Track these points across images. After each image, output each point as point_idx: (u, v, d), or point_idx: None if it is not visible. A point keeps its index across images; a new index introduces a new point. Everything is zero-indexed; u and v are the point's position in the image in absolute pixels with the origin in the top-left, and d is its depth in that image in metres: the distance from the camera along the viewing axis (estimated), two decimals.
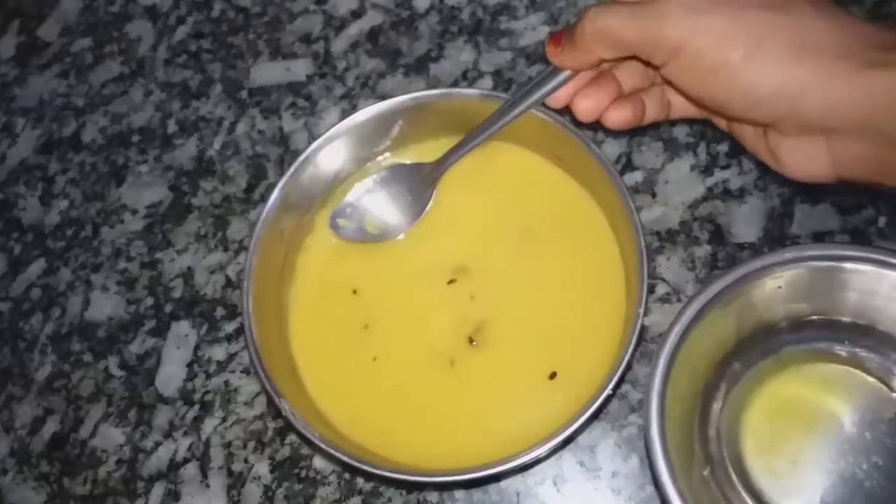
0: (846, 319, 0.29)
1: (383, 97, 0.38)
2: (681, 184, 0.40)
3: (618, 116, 0.31)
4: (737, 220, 0.38)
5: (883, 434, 0.28)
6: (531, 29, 0.45)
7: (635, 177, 0.40)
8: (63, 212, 0.46)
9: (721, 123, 0.32)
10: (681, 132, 0.41)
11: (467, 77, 0.44)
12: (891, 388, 0.29)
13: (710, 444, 0.29)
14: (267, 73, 0.47)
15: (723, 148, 0.40)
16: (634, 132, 0.41)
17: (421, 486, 0.36)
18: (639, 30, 0.27)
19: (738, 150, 0.40)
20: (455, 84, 0.44)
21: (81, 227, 0.45)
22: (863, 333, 0.29)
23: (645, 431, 0.27)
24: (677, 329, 0.28)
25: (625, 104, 0.31)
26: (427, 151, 0.38)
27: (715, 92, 0.26)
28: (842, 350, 0.29)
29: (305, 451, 0.38)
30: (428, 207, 0.37)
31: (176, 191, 0.45)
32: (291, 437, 0.38)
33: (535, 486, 0.36)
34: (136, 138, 0.47)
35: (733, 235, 0.38)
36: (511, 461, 0.31)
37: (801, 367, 0.30)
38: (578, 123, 0.41)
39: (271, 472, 0.38)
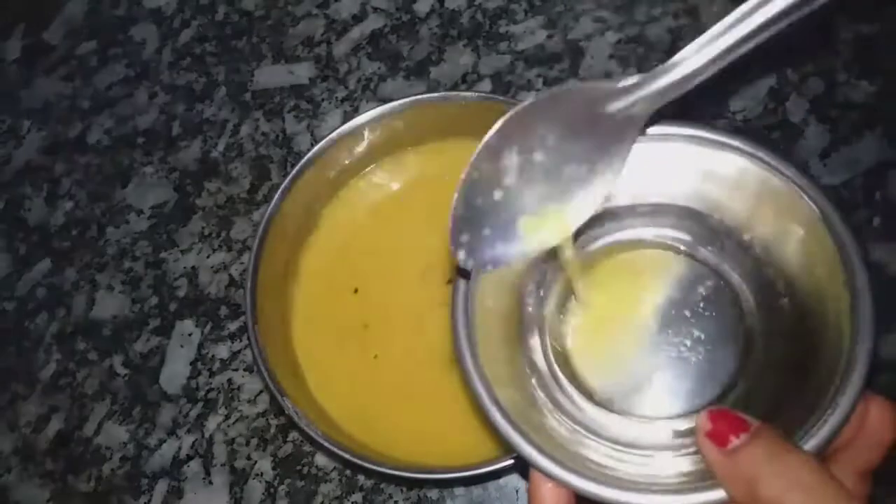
0: (642, 202, 0.28)
1: (384, 100, 0.38)
2: None
3: None
4: None
5: (699, 307, 0.27)
6: (530, 33, 0.45)
7: None
8: (68, 212, 0.46)
9: None
10: None
11: (467, 80, 0.45)
12: (700, 261, 0.28)
13: (534, 353, 0.27)
14: (270, 75, 0.47)
15: None
16: None
17: (421, 484, 0.36)
18: None
19: None
20: (455, 87, 0.44)
21: (87, 227, 0.46)
22: (663, 213, 0.28)
23: (454, 349, 0.24)
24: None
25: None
26: (427, 153, 0.39)
27: None
28: (647, 234, 0.28)
29: (307, 448, 0.38)
30: (620, 169, 0.22)
31: (180, 191, 0.45)
32: (294, 435, 0.38)
33: None
34: (140, 140, 0.47)
35: None
36: (511, 458, 0.31)
37: (611, 258, 0.28)
38: None
39: (274, 469, 0.38)
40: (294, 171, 0.37)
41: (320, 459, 0.38)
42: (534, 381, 0.27)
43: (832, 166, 0.39)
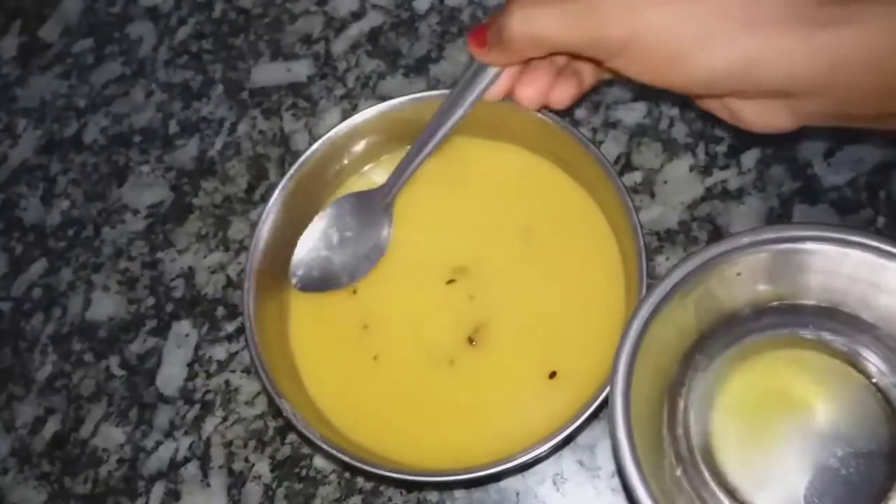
0: (809, 303, 0.28)
1: (384, 98, 0.38)
2: (680, 184, 0.40)
3: (565, 96, 0.31)
4: (735, 221, 0.38)
5: (854, 418, 0.27)
6: None
7: (634, 177, 0.40)
8: (64, 212, 0.46)
9: None
10: (680, 133, 0.41)
11: None
12: (858, 370, 0.27)
13: (679, 443, 0.28)
14: (268, 73, 0.47)
15: (721, 148, 0.40)
16: (634, 133, 0.41)
17: (421, 486, 0.36)
18: (577, 34, 0.26)
19: (736, 150, 0.40)
20: (455, 85, 0.44)
21: (83, 227, 0.45)
22: (827, 316, 0.28)
23: (611, 436, 0.26)
24: (636, 325, 0.27)
25: (567, 80, 0.31)
26: None
27: (669, 80, 0.26)
28: (807, 334, 0.28)
29: (306, 450, 0.38)
30: (391, 234, 0.36)
31: (177, 191, 0.45)
32: (292, 437, 0.38)
33: (535, 486, 0.36)
34: (137, 139, 0.47)
35: None
36: (511, 461, 0.31)
37: (766, 354, 0.28)
38: (576, 123, 0.42)
39: (272, 471, 0.38)
40: (292, 171, 0.36)
41: (319, 462, 0.38)
42: (679, 472, 0.27)
43: (836, 165, 0.39)
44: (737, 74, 0.25)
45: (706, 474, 0.27)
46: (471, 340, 0.35)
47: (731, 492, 0.27)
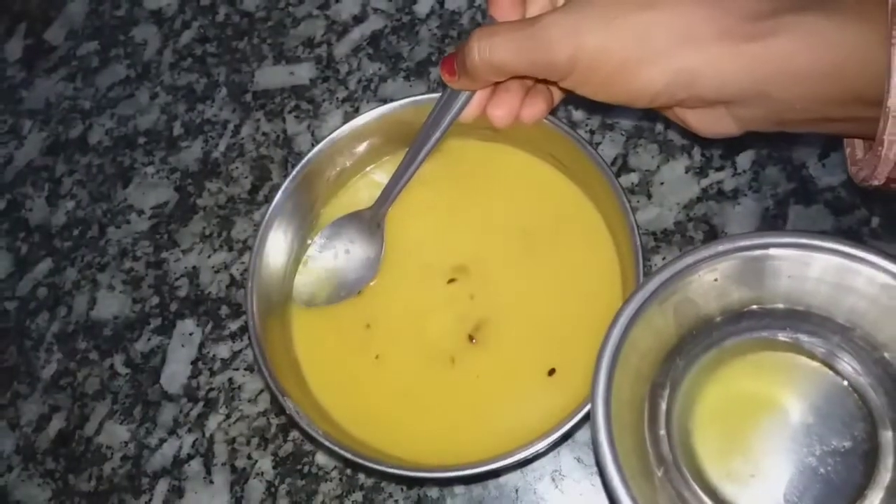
0: (783, 306, 0.29)
1: (385, 100, 0.38)
2: (676, 185, 0.40)
3: (534, 112, 0.33)
4: (731, 221, 0.39)
5: (832, 418, 0.28)
6: None
7: (631, 178, 0.41)
8: (70, 212, 0.46)
9: None
10: (676, 134, 0.41)
11: None
12: (835, 371, 0.28)
13: (661, 445, 0.28)
14: (271, 76, 0.47)
15: (717, 150, 0.41)
16: (631, 135, 0.42)
17: (421, 482, 0.37)
18: (528, 60, 0.28)
19: (732, 151, 0.40)
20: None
21: (88, 227, 0.46)
22: (802, 319, 0.29)
23: (593, 439, 0.27)
24: (615, 331, 0.28)
25: (535, 98, 0.33)
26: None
27: (616, 95, 0.28)
28: (784, 337, 0.29)
29: (308, 447, 0.38)
30: (383, 250, 0.37)
31: (181, 192, 0.45)
32: (294, 434, 0.39)
33: (534, 482, 0.36)
34: (142, 140, 0.47)
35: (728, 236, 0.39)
36: (510, 457, 0.31)
37: (744, 358, 0.29)
38: (574, 125, 0.42)
39: (274, 468, 0.38)
40: (295, 172, 0.37)
41: (321, 458, 0.38)
42: (661, 473, 0.27)
43: (830, 167, 0.39)
44: (676, 87, 0.27)
45: (687, 475, 0.28)
46: (471, 339, 0.36)
47: (711, 492, 0.27)
